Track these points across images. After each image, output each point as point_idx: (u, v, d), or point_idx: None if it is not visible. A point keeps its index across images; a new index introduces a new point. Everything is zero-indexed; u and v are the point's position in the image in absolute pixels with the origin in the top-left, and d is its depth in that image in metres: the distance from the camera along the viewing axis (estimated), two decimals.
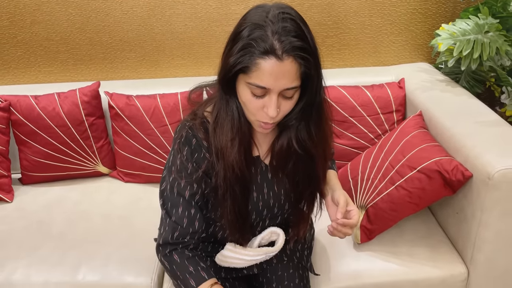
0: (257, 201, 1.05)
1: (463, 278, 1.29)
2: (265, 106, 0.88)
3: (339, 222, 0.98)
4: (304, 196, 1.07)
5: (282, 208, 1.08)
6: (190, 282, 0.95)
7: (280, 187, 1.06)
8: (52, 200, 1.64)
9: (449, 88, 1.63)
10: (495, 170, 1.15)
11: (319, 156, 1.01)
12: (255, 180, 1.05)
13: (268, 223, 1.11)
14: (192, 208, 0.99)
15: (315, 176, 1.04)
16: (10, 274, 1.32)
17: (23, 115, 1.66)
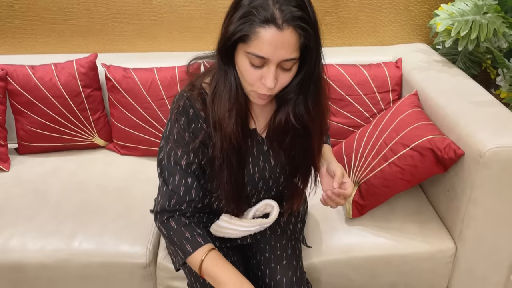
0: (253, 173, 1.07)
1: (451, 254, 1.33)
2: (263, 77, 0.89)
3: (335, 192, 0.99)
4: (299, 170, 1.09)
5: (277, 180, 1.10)
6: (187, 247, 0.97)
7: (275, 160, 1.08)
8: (49, 170, 1.65)
9: (445, 69, 1.64)
10: (486, 148, 1.18)
11: (316, 130, 1.02)
12: (251, 152, 1.06)
13: (263, 195, 1.13)
14: (189, 177, 1.01)
15: (310, 150, 1.05)
16: (7, 240, 1.34)
17: (19, 85, 1.66)
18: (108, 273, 1.32)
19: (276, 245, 1.14)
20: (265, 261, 1.11)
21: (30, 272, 1.32)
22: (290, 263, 1.10)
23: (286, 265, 1.09)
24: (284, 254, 1.11)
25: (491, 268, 1.35)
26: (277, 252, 1.12)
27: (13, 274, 1.32)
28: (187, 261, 0.99)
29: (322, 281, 1.33)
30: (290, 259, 1.11)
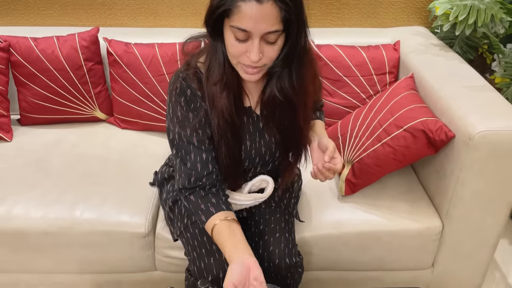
0: (250, 149, 1.11)
1: (438, 231, 1.38)
2: (247, 51, 0.92)
3: (325, 166, 1.04)
4: (291, 146, 1.13)
5: (273, 156, 1.14)
6: (202, 217, 1.03)
7: (270, 136, 1.12)
8: (50, 142, 1.69)
9: (442, 53, 1.67)
10: (476, 131, 1.22)
11: (300, 104, 1.05)
12: (247, 129, 1.10)
13: (259, 169, 1.18)
14: (203, 152, 1.05)
15: (296, 125, 1.08)
16: (10, 208, 1.39)
17: (22, 57, 1.68)
18: (108, 242, 1.37)
19: (270, 219, 1.19)
20: (259, 234, 1.16)
21: (33, 239, 1.37)
22: (283, 236, 1.15)
23: (279, 237, 1.14)
24: (278, 227, 1.17)
25: (476, 246, 1.41)
26: (270, 225, 1.17)
27: (17, 241, 1.37)
28: (206, 229, 1.04)
29: (313, 254, 1.39)
30: (283, 232, 1.16)
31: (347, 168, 1.45)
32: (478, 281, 1.50)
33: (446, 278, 1.48)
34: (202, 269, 1.09)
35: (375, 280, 1.47)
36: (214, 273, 1.08)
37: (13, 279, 1.48)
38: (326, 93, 1.73)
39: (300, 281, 1.23)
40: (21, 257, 1.41)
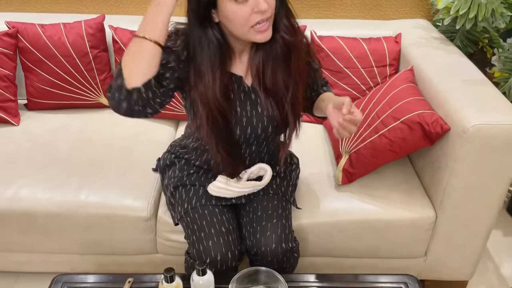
0: (240, 117, 1.14)
1: (431, 221, 1.42)
2: (254, 7, 0.96)
3: (346, 118, 1.02)
4: (284, 117, 1.15)
5: (266, 130, 1.17)
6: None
7: (262, 109, 1.15)
8: (57, 126, 1.73)
9: (442, 46, 1.69)
10: (470, 125, 1.25)
11: (296, 46, 1.09)
12: (239, 97, 1.14)
13: (255, 149, 1.21)
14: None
15: (290, 89, 1.12)
16: (18, 190, 1.44)
17: (30, 43, 1.71)
18: (112, 224, 1.42)
19: (268, 205, 1.23)
20: (256, 219, 1.21)
21: (40, 220, 1.42)
22: (280, 222, 1.19)
23: (276, 223, 1.19)
24: (275, 213, 1.21)
25: (468, 237, 1.45)
26: (268, 211, 1.21)
27: (24, 222, 1.42)
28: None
29: (309, 240, 1.43)
30: (280, 218, 1.20)
31: (344, 158, 1.49)
32: (470, 270, 1.54)
33: (439, 267, 1.53)
34: (201, 252, 1.14)
35: (369, 267, 1.51)
36: (212, 255, 1.13)
37: (21, 258, 1.53)
38: None
39: (296, 266, 1.27)
40: (29, 238, 1.46)
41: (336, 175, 1.49)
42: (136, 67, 0.97)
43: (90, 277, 1.17)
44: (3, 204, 1.41)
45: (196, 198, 1.23)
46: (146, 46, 0.96)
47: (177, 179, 1.28)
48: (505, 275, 1.70)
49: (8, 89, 1.73)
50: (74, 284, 1.14)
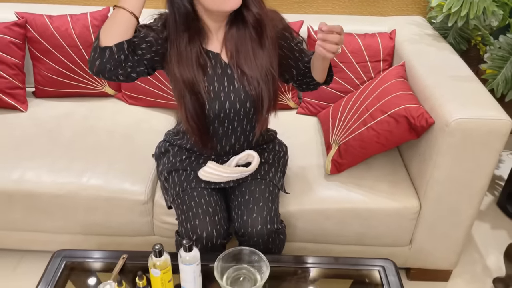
0: (218, 92, 1.22)
1: (415, 211, 1.48)
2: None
3: (324, 29, 1.07)
4: (261, 91, 1.22)
5: (244, 104, 1.25)
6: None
7: (239, 83, 1.23)
8: (62, 113, 1.82)
9: (435, 43, 1.74)
10: (452, 119, 1.30)
11: (266, 22, 1.19)
12: (216, 73, 1.23)
13: (236, 125, 1.28)
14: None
15: (266, 57, 1.20)
16: (23, 172, 1.52)
17: (38, 33, 1.80)
18: (111, 207, 1.50)
19: (255, 189, 1.30)
20: (244, 202, 1.28)
21: (44, 200, 1.51)
22: (266, 205, 1.26)
23: (262, 206, 1.26)
24: (262, 197, 1.28)
25: (451, 227, 1.50)
26: (255, 195, 1.28)
27: (29, 202, 1.51)
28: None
29: (298, 226, 1.50)
30: (266, 201, 1.27)
31: (333, 149, 1.55)
32: (454, 260, 1.60)
33: (423, 255, 1.59)
34: (188, 230, 1.22)
35: (356, 254, 1.58)
36: (198, 232, 1.21)
37: (26, 237, 1.62)
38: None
39: (282, 248, 1.34)
40: (33, 217, 1.55)
41: (325, 165, 1.56)
42: (111, 30, 1.10)
43: (87, 252, 1.25)
44: (9, 185, 1.50)
45: (187, 182, 1.31)
46: (122, 14, 1.10)
47: (171, 165, 1.36)
48: (490, 266, 1.75)
49: (16, 76, 1.82)
50: (72, 259, 1.22)
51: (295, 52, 1.30)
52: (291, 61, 1.31)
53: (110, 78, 1.15)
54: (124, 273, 1.17)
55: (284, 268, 1.23)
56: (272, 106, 1.27)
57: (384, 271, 1.20)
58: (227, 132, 1.29)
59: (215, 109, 1.23)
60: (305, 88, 1.38)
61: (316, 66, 1.27)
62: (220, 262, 1.10)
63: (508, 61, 1.60)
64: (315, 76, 1.31)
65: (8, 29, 1.78)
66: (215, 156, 1.35)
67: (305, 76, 1.33)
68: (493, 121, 1.30)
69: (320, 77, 1.31)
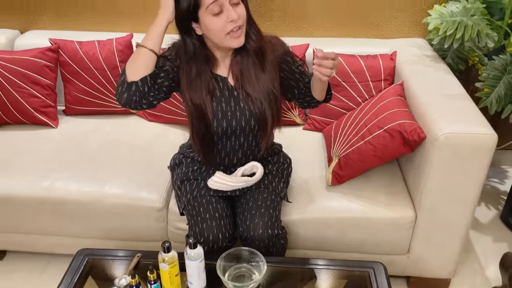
0: (226, 111, 1.37)
1: (411, 220, 1.57)
2: (227, 17, 1.22)
3: (319, 55, 1.20)
4: (265, 109, 1.37)
5: (249, 122, 1.39)
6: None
7: (244, 104, 1.37)
8: (89, 129, 2.00)
9: (432, 64, 1.85)
10: (440, 133, 1.41)
11: (266, 49, 1.35)
12: (224, 94, 1.38)
13: (243, 141, 1.42)
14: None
15: (267, 80, 1.35)
16: (53, 181, 1.70)
17: (69, 57, 2.00)
18: (130, 213, 1.65)
19: (259, 197, 1.42)
20: (248, 209, 1.40)
21: (70, 207, 1.67)
22: (267, 211, 1.38)
23: (264, 212, 1.38)
24: (264, 204, 1.40)
25: (445, 237, 1.58)
26: (258, 202, 1.41)
27: (57, 208, 1.68)
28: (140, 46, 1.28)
29: (300, 234, 1.61)
30: (268, 208, 1.39)
31: (334, 161, 1.66)
32: (451, 269, 1.67)
33: (421, 264, 1.66)
34: (197, 233, 1.35)
35: None
36: (205, 235, 1.34)
37: (54, 241, 1.79)
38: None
39: (283, 252, 1.46)
40: (60, 222, 1.71)
41: (327, 177, 1.67)
42: (135, 67, 1.26)
43: (107, 251, 1.40)
44: (40, 193, 1.67)
45: (197, 190, 1.45)
46: (144, 52, 1.26)
47: (183, 175, 1.51)
48: (489, 277, 1.81)
49: (49, 96, 2.02)
50: (93, 256, 1.37)
51: (295, 74, 1.43)
52: (292, 82, 1.44)
53: (135, 108, 1.32)
54: (138, 269, 1.31)
55: (281, 268, 1.34)
56: (275, 123, 1.40)
57: (374, 272, 1.30)
58: (234, 147, 1.43)
59: (222, 127, 1.38)
60: (306, 106, 1.50)
61: (315, 87, 1.39)
62: (223, 261, 1.23)
63: (501, 80, 1.69)
64: (315, 95, 1.43)
65: (42, 53, 1.98)
66: (223, 167, 1.49)
67: (306, 95, 1.45)
68: (480, 136, 1.40)
69: (320, 95, 1.43)
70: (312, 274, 1.33)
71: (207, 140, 1.39)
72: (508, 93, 1.69)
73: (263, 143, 1.43)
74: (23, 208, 1.69)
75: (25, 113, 1.98)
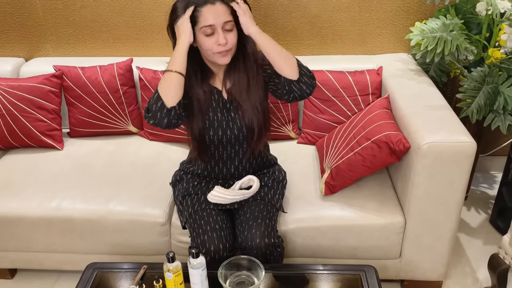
0: (221, 120, 1.49)
1: (400, 226, 1.66)
2: (216, 40, 1.34)
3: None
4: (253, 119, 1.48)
5: (241, 131, 1.50)
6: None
7: (234, 114, 1.49)
8: (93, 150, 2.10)
9: (415, 77, 1.96)
10: (423, 143, 1.51)
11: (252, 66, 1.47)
12: (218, 106, 1.49)
13: (238, 149, 1.54)
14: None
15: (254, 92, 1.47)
16: (61, 201, 1.79)
17: (72, 82, 2.11)
18: (134, 228, 1.74)
19: (256, 209, 1.52)
20: (245, 220, 1.49)
21: (77, 225, 1.76)
22: (264, 222, 1.48)
23: (261, 222, 1.47)
24: (260, 215, 1.49)
25: (434, 240, 1.67)
26: (255, 214, 1.50)
27: (65, 226, 1.76)
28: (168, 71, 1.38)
29: (297, 242, 1.70)
30: (264, 219, 1.49)
31: (326, 173, 1.76)
32: (441, 271, 1.75)
33: (413, 267, 1.75)
34: (199, 244, 1.44)
35: None
36: (206, 246, 1.43)
37: (62, 258, 1.87)
38: (318, 111, 2.05)
39: (281, 260, 1.54)
40: (68, 240, 1.80)
41: (320, 187, 1.76)
42: (172, 92, 1.36)
43: (115, 264, 1.48)
44: (48, 213, 1.76)
45: (198, 204, 1.54)
46: (174, 77, 1.36)
47: (184, 190, 1.60)
48: (480, 278, 1.89)
49: (54, 120, 2.12)
50: (102, 270, 1.45)
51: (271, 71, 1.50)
52: (275, 77, 1.47)
53: (166, 128, 1.40)
54: (144, 280, 1.40)
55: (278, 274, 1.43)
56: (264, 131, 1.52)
57: (365, 275, 1.38)
58: (230, 155, 1.54)
59: (218, 135, 1.49)
60: (297, 94, 1.44)
61: (266, 55, 1.40)
62: (224, 269, 1.31)
63: (481, 91, 1.80)
64: (280, 70, 1.40)
65: (47, 80, 2.09)
66: (222, 180, 1.59)
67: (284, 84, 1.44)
68: (460, 144, 1.50)
69: (284, 67, 1.39)
70: (307, 279, 1.41)
71: (201, 137, 1.50)
72: (488, 103, 1.80)
73: (255, 149, 1.55)
74: (33, 228, 1.78)
75: (32, 137, 2.08)
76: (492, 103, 1.81)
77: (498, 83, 1.81)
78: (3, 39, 2.36)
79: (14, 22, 2.30)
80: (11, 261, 1.90)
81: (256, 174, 1.60)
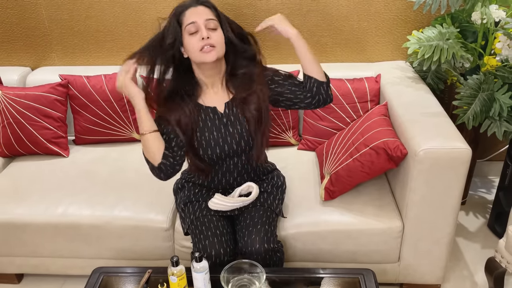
0: (218, 137, 1.52)
1: (399, 230, 1.70)
2: (200, 36, 1.40)
3: (259, 28, 1.47)
4: (251, 131, 1.52)
5: (239, 144, 1.54)
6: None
7: (233, 128, 1.53)
8: (98, 157, 2.15)
9: (413, 84, 2.00)
10: (419, 149, 1.55)
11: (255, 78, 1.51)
12: (214, 123, 1.52)
13: (236, 161, 1.57)
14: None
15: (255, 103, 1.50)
16: (67, 207, 1.83)
17: (77, 91, 2.16)
18: (139, 234, 1.78)
19: (255, 215, 1.56)
20: (245, 226, 1.53)
21: (83, 230, 1.80)
22: (263, 227, 1.52)
23: (260, 228, 1.51)
24: (260, 221, 1.53)
25: (431, 244, 1.71)
26: (255, 219, 1.54)
27: (72, 231, 1.81)
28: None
29: (298, 247, 1.73)
30: (264, 224, 1.53)
31: (326, 178, 1.80)
32: (439, 274, 1.79)
33: (411, 271, 1.79)
34: (200, 249, 1.48)
35: None
36: (208, 251, 1.47)
37: (68, 263, 1.91)
38: (317, 117, 2.10)
39: (281, 264, 1.58)
40: (74, 245, 1.84)
41: (320, 193, 1.80)
42: (151, 153, 1.46)
43: (120, 269, 1.52)
44: (55, 219, 1.80)
45: (200, 211, 1.58)
46: (147, 138, 1.44)
47: (186, 197, 1.65)
48: (478, 282, 1.92)
49: (60, 128, 2.17)
50: (108, 274, 1.49)
51: (285, 82, 1.54)
52: (287, 90, 1.52)
53: (171, 176, 1.50)
54: (149, 283, 1.44)
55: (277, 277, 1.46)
56: (263, 143, 1.55)
57: (364, 278, 1.42)
58: (229, 168, 1.58)
59: (216, 153, 1.53)
60: (322, 98, 1.51)
61: (301, 59, 1.48)
62: (226, 273, 1.35)
63: (476, 98, 1.84)
64: (311, 72, 1.47)
65: (53, 89, 2.14)
66: (222, 189, 1.63)
67: (304, 88, 1.51)
68: (455, 150, 1.54)
69: (315, 70, 1.48)
70: (307, 282, 1.45)
71: (201, 161, 1.55)
72: (484, 110, 1.84)
73: (255, 159, 1.58)
74: (39, 233, 1.82)
75: (38, 144, 2.13)
76: (488, 110, 1.85)
77: (493, 90, 1.85)
78: (10, 49, 2.41)
79: (20, 32, 2.36)
80: (18, 266, 1.94)
81: (255, 181, 1.64)
